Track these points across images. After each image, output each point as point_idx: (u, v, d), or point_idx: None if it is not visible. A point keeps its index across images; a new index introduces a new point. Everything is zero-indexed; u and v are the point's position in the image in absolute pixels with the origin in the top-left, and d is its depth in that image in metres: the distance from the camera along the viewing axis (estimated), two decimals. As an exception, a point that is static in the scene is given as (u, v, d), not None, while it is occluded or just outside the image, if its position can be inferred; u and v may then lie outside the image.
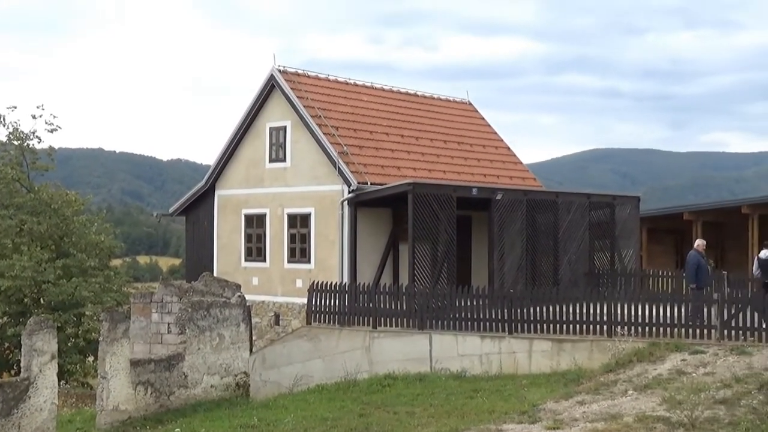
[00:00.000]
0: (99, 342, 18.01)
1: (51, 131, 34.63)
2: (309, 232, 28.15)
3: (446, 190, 26.05)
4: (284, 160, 29.01)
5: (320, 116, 28.30)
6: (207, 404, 18.92)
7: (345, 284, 24.46)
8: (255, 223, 29.69)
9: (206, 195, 31.16)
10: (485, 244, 27.34)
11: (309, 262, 28.10)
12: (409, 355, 21.67)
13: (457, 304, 21.96)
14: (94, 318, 29.89)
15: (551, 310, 20.79)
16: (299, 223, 28.47)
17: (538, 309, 20.97)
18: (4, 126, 33.72)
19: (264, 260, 29.37)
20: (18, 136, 33.70)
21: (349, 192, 27.01)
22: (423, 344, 21.74)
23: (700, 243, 22.47)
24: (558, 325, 20.58)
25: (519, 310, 21.05)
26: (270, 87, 29.10)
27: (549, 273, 28.10)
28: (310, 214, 28.19)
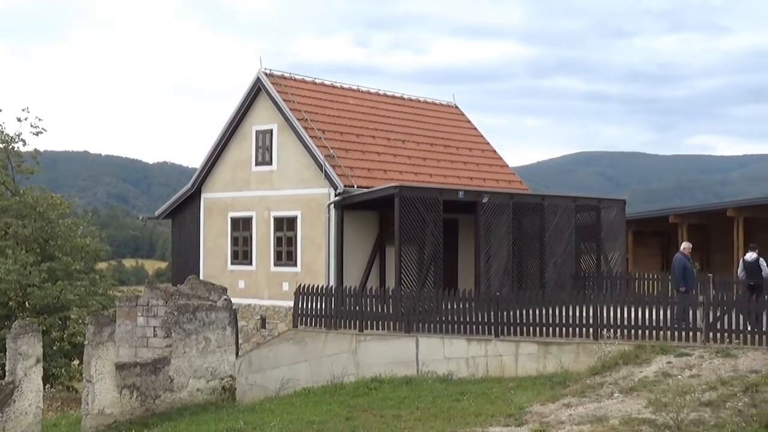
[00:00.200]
0: (84, 345, 17.97)
1: (36, 134, 34.64)
2: (295, 235, 28.12)
3: (432, 193, 26.07)
4: (271, 163, 28.97)
5: (307, 119, 28.28)
6: (193, 408, 18.87)
7: (331, 287, 24.43)
8: (241, 226, 29.63)
9: (192, 198, 31.07)
10: (472, 247, 27.36)
11: (295, 265, 28.06)
12: (395, 359, 21.66)
13: (443, 307, 21.96)
14: (79, 321, 29.77)
15: (538, 312, 20.83)
16: (286, 226, 28.43)
17: (524, 312, 20.99)
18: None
19: (250, 263, 29.32)
20: (3, 138, 33.63)
21: (335, 195, 27.00)
22: (409, 347, 21.73)
23: (686, 246, 22.56)
24: (544, 328, 20.61)
25: (505, 313, 21.08)
26: (256, 90, 29.06)
27: (535, 276, 28.15)
28: (296, 218, 28.16)
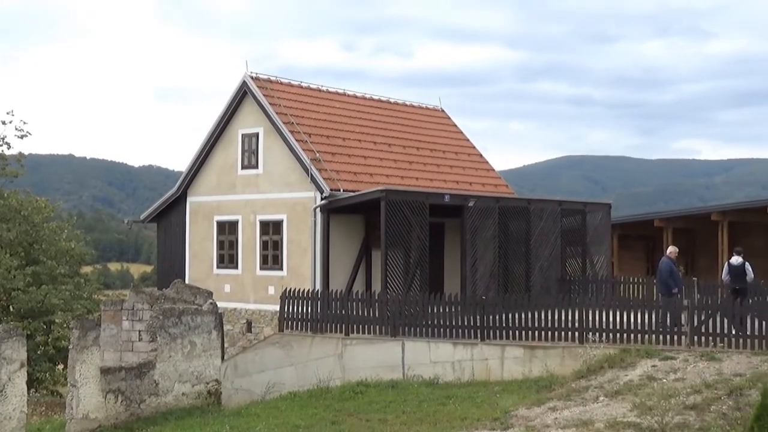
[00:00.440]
0: (69, 350, 17.88)
1: (21, 137, 34.55)
2: (281, 239, 28.09)
3: (419, 197, 26.09)
4: (257, 166, 28.94)
5: (293, 123, 28.26)
6: (178, 412, 18.80)
7: (317, 291, 24.43)
8: (227, 230, 29.57)
9: (178, 201, 30.99)
10: (458, 251, 27.40)
11: (281, 269, 28.02)
12: (381, 362, 21.66)
13: (429, 311, 21.98)
14: (64, 326, 29.65)
15: (523, 316, 20.86)
16: (272, 230, 28.39)
17: (510, 316, 21.03)
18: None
19: (236, 267, 29.25)
20: (-13, 142, 33.48)
21: (321, 199, 26.98)
22: (396, 351, 21.73)
23: (672, 250, 22.63)
24: (530, 332, 20.65)
25: (491, 317, 21.12)
26: (242, 94, 29.03)
27: (521, 279, 28.19)
28: (282, 221, 28.13)
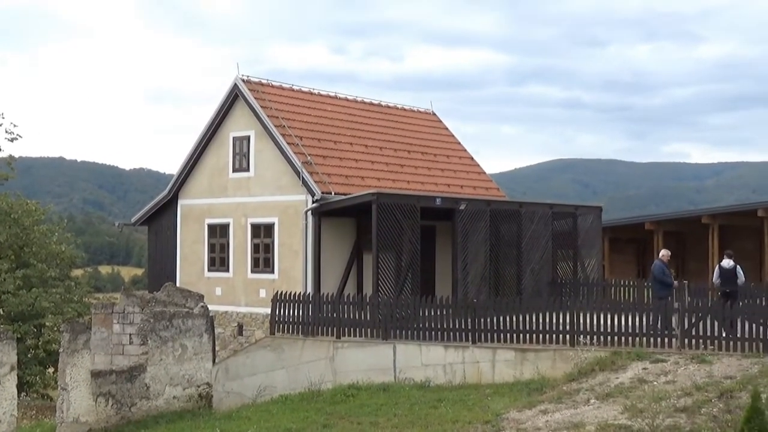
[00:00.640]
0: (59, 353, 17.83)
1: (11, 140, 34.44)
2: (273, 242, 28.07)
3: (410, 200, 26.10)
4: (248, 169, 28.91)
5: (284, 126, 28.25)
6: (169, 416, 18.77)
7: (309, 294, 24.40)
8: (218, 233, 29.53)
9: (169, 204, 30.93)
10: (449, 254, 27.42)
11: (273, 272, 28.00)
12: (373, 365, 21.65)
13: (421, 314, 21.98)
14: (54, 329, 29.59)
15: (515, 319, 20.88)
16: (263, 233, 28.37)
17: (501, 318, 21.04)
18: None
19: (227, 270, 29.21)
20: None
21: (312, 202, 26.97)
22: (387, 354, 21.73)
23: (664, 253, 22.67)
24: (521, 335, 20.68)
25: (483, 320, 21.13)
26: (234, 97, 29.00)
27: (512, 282, 28.22)
28: (273, 224, 28.10)
